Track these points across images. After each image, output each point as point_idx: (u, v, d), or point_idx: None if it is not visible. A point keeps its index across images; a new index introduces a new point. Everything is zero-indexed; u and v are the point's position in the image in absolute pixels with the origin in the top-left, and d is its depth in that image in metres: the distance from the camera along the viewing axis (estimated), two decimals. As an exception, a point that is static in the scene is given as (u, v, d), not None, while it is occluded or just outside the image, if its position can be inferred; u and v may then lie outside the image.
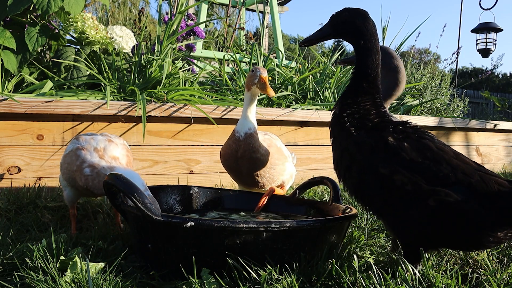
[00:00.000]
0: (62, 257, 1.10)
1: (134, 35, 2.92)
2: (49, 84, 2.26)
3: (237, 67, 3.27)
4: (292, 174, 1.89)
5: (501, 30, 7.82)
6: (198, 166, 2.45)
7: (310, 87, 3.30)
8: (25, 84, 2.54)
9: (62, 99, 2.05)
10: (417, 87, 4.65)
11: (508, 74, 24.07)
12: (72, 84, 2.51)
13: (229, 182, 2.42)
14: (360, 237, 1.46)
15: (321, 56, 3.91)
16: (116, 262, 1.11)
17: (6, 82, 2.39)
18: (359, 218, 1.71)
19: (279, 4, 5.85)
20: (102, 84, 2.50)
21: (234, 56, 3.33)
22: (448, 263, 1.26)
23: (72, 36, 2.72)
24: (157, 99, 2.32)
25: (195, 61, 3.34)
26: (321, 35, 1.37)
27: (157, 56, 2.63)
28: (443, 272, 1.19)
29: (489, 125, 3.80)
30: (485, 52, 7.96)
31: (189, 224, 1.06)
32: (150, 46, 2.91)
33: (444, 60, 12.50)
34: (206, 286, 1.05)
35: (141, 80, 2.58)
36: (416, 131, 1.23)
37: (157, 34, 2.80)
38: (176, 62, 2.95)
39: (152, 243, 1.14)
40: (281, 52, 4.21)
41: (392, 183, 1.14)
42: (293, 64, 3.68)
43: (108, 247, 1.32)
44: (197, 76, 2.85)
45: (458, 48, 6.41)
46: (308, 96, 3.27)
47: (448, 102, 4.91)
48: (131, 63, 2.66)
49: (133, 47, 2.78)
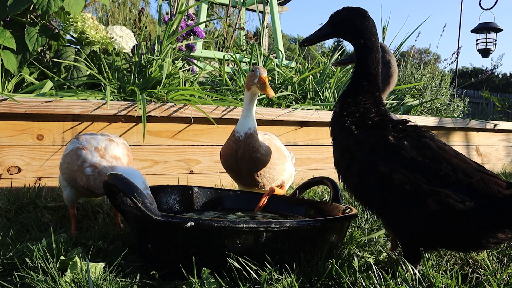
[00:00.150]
0: (62, 257, 1.10)
1: (134, 35, 2.92)
2: (49, 84, 2.26)
3: (237, 67, 3.27)
4: (292, 174, 1.89)
5: (501, 30, 7.82)
6: (198, 166, 2.45)
7: (310, 87, 3.30)
8: (25, 84, 2.54)
9: (62, 99, 2.05)
10: (417, 87, 4.65)
11: (508, 74, 24.08)
12: (72, 84, 2.51)
13: (229, 182, 2.42)
14: (360, 237, 1.46)
15: (321, 56, 3.90)
16: (116, 262, 1.11)
17: (6, 82, 2.39)
18: (359, 218, 1.71)
19: (279, 4, 5.85)
20: (102, 84, 2.50)
21: (234, 56, 3.33)
22: (448, 263, 1.26)
23: (72, 36, 2.72)
24: (157, 99, 2.32)
25: (195, 61, 3.34)
26: (321, 35, 1.37)
27: (157, 56, 2.63)
28: (443, 272, 1.19)
29: (489, 125, 3.79)
30: (485, 52, 7.96)
31: (189, 224, 1.06)
32: (150, 46, 2.91)
33: (444, 60, 12.50)
34: (206, 286, 1.05)
35: (141, 80, 2.58)
36: (416, 130, 1.23)
37: (157, 34, 2.80)
38: (176, 62, 2.95)
39: (152, 243, 1.14)
40: (281, 52, 4.21)
41: (392, 182, 1.14)
42: (293, 64, 3.68)
43: (108, 247, 1.32)
44: (197, 76, 2.85)
45: (458, 48, 6.41)
46: (308, 96, 3.27)
47: (448, 102, 4.91)
48: (131, 63, 2.66)
49: (133, 47, 2.78)
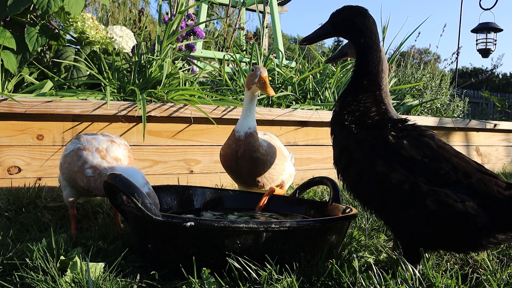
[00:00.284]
0: (62, 257, 1.10)
1: (134, 35, 2.92)
2: (49, 84, 2.26)
3: (237, 67, 3.27)
4: (292, 174, 1.89)
5: (501, 30, 7.81)
6: (198, 166, 2.45)
7: (310, 87, 3.30)
8: (25, 84, 2.54)
9: (62, 99, 2.05)
10: (417, 87, 4.65)
11: (508, 74, 24.08)
12: (72, 84, 2.51)
13: (229, 182, 2.42)
14: (360, 237, 1.46)
15: (321, 56, 3.90)
16: (116, 262, 1.11)
17: (6, 82, 2.39)
18: (359, 218, 1.71)
19: (279, 4, 5.85)
20: (102, 84, 2.50)
21: (234, 56, 3.33)
22: (448, 263, 1.26)
23: (72, 36, 2.72)
24: (157, 99, 2.32)
25: (195, 61, 3.33)
26: (321, 33, 1.36)
27: (157, 56, 2.63)
28: (443, 272, 1.19)
29: (489, 125, 3.79)
30: (485, 52, 7.95)
31: (189, 224, 1.06)
32: (150, 46, 2.91)
33: (444, 60, 12.48)
34: (206, 286, 1.05)
35: (141, 80, 2.58)
36: (416, 129, 1.22)
37: (157, 34, 2.80)
38: (176, 62, 2.95)
39: (152, 243, 1.14)
40: (281, 52, 4.21)
41: (390, 182, 1.13)
42: (293, 64, 3.68)
43: (108, 247, 1.31)
44: (197, 76, 2.85)
45: (458, 48, 6.41)
46: (308, 96, 3.27)
47: (448, 102, 4.90)
48: (131, 63, 2.66)
49: (133, 47, 2.78)
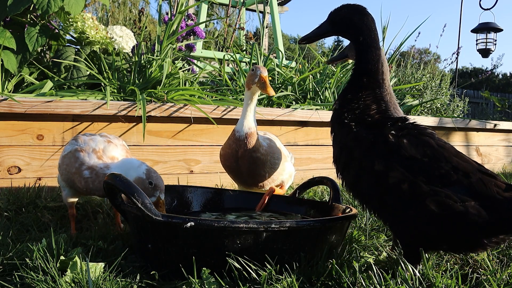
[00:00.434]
0: (62, 257, 1.10)
1: (134, 35, 2.92)
2: (49, 84, 2.26)
3: (237, 67, 3.27)
4: (292, 174, 1.89)
5: (501, 30, 7.81)
6: (198, 166, 2.45)
7: (310, 87, 3.30)
8: (25, 84, 2.54)
9: (62, 99, 2.05)
10: (417, 87, 4.65)
11: (508, 74, 24.08)
12: (72, 84, 2.51)
13: (229, 182, 2.42)
14: (360, 237, 1.46)
15: (321, 56, 3.90)
16: (116, 262, 1.11)
17: (6, 82, 2.39)
18: (359, 218, 1.71)
19: (279, 4, 5.85)
20: (102, 84, 2.50)
21: (234, 56, 3.33)
22: (448, 263, 1.26)
23: (72, 36, 2.72)
24: (157, 99, 2.32)
25: (195, 61, 3.33)
26: (320, 32, 1.36)
27: (157, 56, 2.63)
28: (443, 272, 1.19)
29: (489, 125, 3.79)
30: (485, 52, 7.95)
31: (189, 224, 1.06)
32: (150, 46, 2.91)
33: (444, 60, 12.47)
34: (206, 286, 1.05)
35: (141, 80, 2.58)
36: (416, 127, 1.22)
37: (157, 34, 2.80)
38: (176, 62, 2.95)
39: (152, 243, 1.14)
40: (281, 52, 4.21)
41: (390, 181, 1.13)
42: (293, 64, 3.68)
43: (108, 247, 1.31)
44: (197, 76, 2.85)
45: (458, 48, 6.41)
46: (308, 96, 3.27)
47: (448, 102, 4.90)
48: (131, 63, 2.66)
49: (133, 47, 2.78)
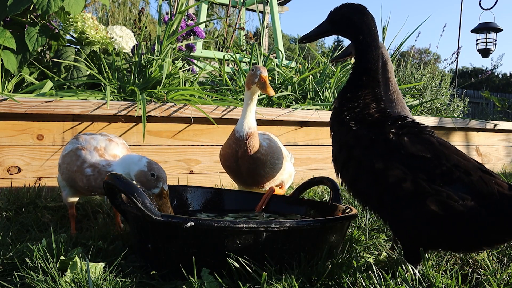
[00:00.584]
0: (62, 257, 1.10)
1: (134, 35, 2.92)
2: (49, 84, 2.26)
3: (237, 67, 3.27)
4: (291, 174, 1.89)
5: (501, 30, 7.81)
6: (198, 166, 2.45)
7: (310, 87, 3.30)
8: (25, 84, 2.54)
9: (62, 99, 2.05)
10: (417, 87, 4.65)
11: (508, 74, 24.08)
12: (72, 84, 2.51)
13: (229, 182, 2.42)
14: (360, 237, 1.46)
15: (321, 56, 3.90)
16: (116, 262, 1.11)
17: (6, 82, 2.39)
18: (359, 218, 1.71)
19: (279, 4, 5.85)
20: (102, 84, 2.50)
21: (234, 56, 3.33)
22: (448, 263, 1.26)
23: (72, 36, 2.72)
24: (157, 99, 2.32)
25: (195, 61, 3.33)
26: (320, 32, 1.36)
27: (157, 56, 2.63)
28: (443, 272, 1.19)
29: (489, 125, 3.80)
30: (485, 52, 7.95)
31: (189, 224, 1.06)
32: (150, 46, 2.91)
33: (444, 60, 12.47)
34: (206, 286, 1.05)
35: (141, 80, 2.58)
36: (416, 126, 1.22)
37: (157, 34, 2.80)
38: (176, 62, 2.95)
39: (152, 243, 1.14)
40: (281, 52, 4.21)
41: (389, 179, 1.13)
42: (293, 64, 3.68)
43: (108, 247, 1.32)
44: (197, 76, 2.85)
45: (458, 48, 6.41)
46: (308, 96, 3.27)
47: (448, 102, 4.91)
48: (131, 63, 2.66)
49: (133, 47, 2.78)
